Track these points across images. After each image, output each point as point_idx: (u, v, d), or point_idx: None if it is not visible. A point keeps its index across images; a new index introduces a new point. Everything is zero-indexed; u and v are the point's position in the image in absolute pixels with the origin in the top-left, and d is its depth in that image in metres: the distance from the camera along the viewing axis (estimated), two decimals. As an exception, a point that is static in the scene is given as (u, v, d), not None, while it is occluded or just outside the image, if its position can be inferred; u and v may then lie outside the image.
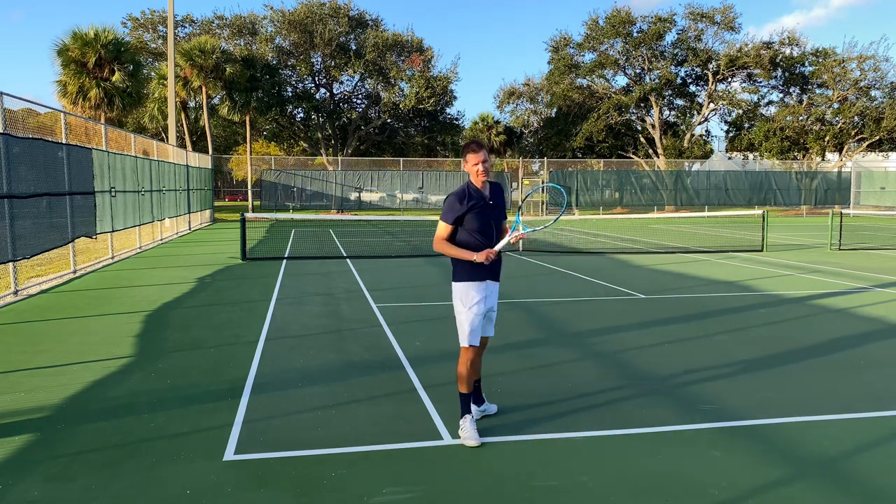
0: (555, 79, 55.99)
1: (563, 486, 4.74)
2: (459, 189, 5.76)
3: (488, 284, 5.74)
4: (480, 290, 5.68)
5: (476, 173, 5.70)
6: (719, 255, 20.11)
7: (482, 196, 5.71)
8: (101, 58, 31.60)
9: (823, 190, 50.30)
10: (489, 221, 5.72)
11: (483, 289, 5.69)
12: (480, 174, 5.69)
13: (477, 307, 5.65)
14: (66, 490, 4.65)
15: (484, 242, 5.68)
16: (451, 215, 5.66)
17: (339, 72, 51.78)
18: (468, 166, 5.73)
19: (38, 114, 16.33)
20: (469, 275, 5.69)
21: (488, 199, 5.74)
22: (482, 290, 5.69)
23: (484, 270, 5.70)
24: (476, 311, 5.65)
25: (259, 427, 5.84)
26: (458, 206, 5.64)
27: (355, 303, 11.98)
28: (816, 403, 6.54)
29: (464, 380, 5.69)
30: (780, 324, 10.29)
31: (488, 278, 5.74)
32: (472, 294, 5.68)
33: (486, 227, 5.69)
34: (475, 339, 5.67)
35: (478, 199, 5.68)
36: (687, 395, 6.77)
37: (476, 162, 5.67)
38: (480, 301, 5.67)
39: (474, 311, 5.65)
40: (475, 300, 5.66)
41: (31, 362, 7.98)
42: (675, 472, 4.96)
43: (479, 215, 5.66)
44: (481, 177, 5.70)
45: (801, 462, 5.16)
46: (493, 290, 5.83)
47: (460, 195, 5.69)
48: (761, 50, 52.08)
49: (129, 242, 21.95)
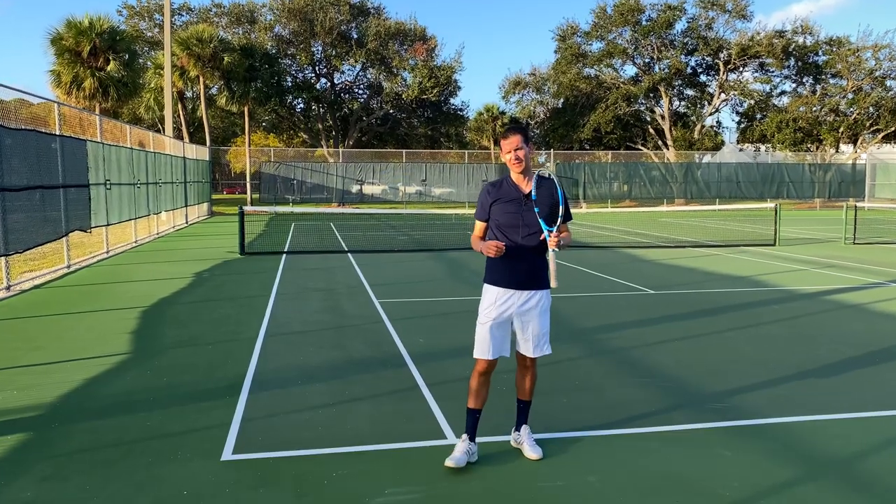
0: (562, 68, 55.90)
1: (569, 486, 4.73)
2: (495, 180, 5.22)
3: (513, 294, 5.06)
4: (499, 298, 5.06)
5: (510, 163, 5.07)
6: (730, 250, 20.08)
7: (517, 189, 5.08)
8: (96, 47, 31.57)
9: (837, 182, 50.16)
10: (520, 221, 5.02)
11: (503, 297, 5.06)
12: (513, 163, 5.05)
13: (487, 314, 5.08)
14: (61, 490, 4.65)
15: (512, 245, 5.01)
16: (480, 211, 5.20)
17: (340, 61, 51.77)
18: (503, 155, 5.13)
19: (31, 104, 16.31)
20: (490, 276, 5.16)
21: (526, 193, 5.04)
22: (502, 298, 5.06)
23: (509, 274, 5.06)
24: (483, 320, 5.10)
25: (258, 426, 5.84)
26: (485, 198, 5.16)
27: (357, 298, 11.98)
28: (830, 402, 6.52)
29: (469, 393, 5.19)
30: (793, 320, 10.27)
31: (514, 286, 5.06)
32: (487, 298, 5.14)
33: (514, 226, 5.02)
34: (482, 350, 5.08)
35: (509, 191, 5.09)
36: (697, 394, 6.76)
37: (509, 149, 5.05)
38: (493, 308, 5.07)
39: (482, 319, 5.11)
40: (487, 306, 5.11)
41: (24, 359, 7.99)
42: (684, 472, 4.95)
43: (508, 211, 5.04)
44: (515, 166, 5.06)
45: (814, 462, 5.15)
46: (527, 302, 5.08)
47: (490, 186, 5.19)
48: (774, 39, 51.93)
49: (125, 236, 21.97)
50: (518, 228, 5.02)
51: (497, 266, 5.08)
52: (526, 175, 5.09)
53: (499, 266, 5.07)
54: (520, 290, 5.06)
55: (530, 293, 5.08)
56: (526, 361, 5.25)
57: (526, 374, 5.29)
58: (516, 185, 5.09)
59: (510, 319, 5.10)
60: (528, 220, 5.01)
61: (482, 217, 5.19)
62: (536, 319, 5.09)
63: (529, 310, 5.08)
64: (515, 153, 5.01)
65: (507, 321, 5.10)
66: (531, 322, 5.09)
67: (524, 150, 5.02)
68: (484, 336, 5.07)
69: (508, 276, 5.05)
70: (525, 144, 5.04)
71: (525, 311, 5.07)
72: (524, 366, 5.28)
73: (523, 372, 5.29)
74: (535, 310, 5.09)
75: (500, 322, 5.07)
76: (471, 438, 5.14)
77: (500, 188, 5.13)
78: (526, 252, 5.04)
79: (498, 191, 5.12)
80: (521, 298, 5.06)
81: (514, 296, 5.06)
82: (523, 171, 5.07)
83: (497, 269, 5.09)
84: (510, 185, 5.11)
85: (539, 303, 5.10)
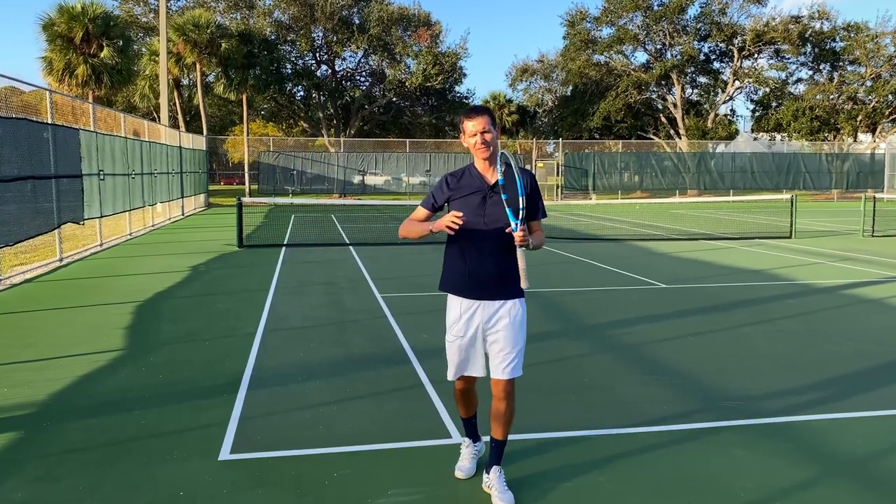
0: (570, 55, 55.75)
1: (579, 486, 4.72)
2: (456, 170, 4.62)
3: (479, 305, 4.47)
4: (465, 312, 4.49)
5: (474, 147, 4.46)
6: (745, 242, 20.04)
7: (482, 180, 4.48)
8: (89, 33, 31.61)
9: (856, 173, 50.03)
10: (484, 216, 4.41)
11: (469, 310, 4.48)
12: (479, 148, 4.43)
13: (454, 332, 4.53)
14: (53, 491, 4.65)
15: (476, 246, 4.44)
16: (429, 200, 4.61)
17: (342, 47, 51.74)
18: (465, 138, 4.52)
19: (22, 92, 16.31)
20: (450, 283, 4.58)
21: (491, 185, 4.44)
22: (468, 312, 4.48)
23: (474, 282, 4.45)
24: (451, 338, 4.56)
25: (257, 424, 5.84)
26: (441, 189, 4.57)
27: (359, 292, 11.98)
28: (848, 400, 6.50)
29: (457, 404, 4.89)
30: (810, 315, 10.25)
31: (480, 296, 4.46)
32: (451, 312, 4.57)
33: (478, 223, 4.39)
34: (457, 371, 4.61)
35: (473, 182, 4.50)
36: (710, 391, 6.74)
37: (474, 131, 4.43)
38: (459, 325, 4.50)
39: (450, 337, 4.58)
40: (453, 321, 4.55)
41: (15, 356, 8.00)
42: (697, 472, 4.94)
43: (470, 205, 4.42)
44: (481, 152, 4.43)
45: (832, 462, 5.13)
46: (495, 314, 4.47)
47: (450, 176, 4.58)
48: (789, 24, 51.72)
49: (119, 229, 21.97)
50: (483, 225, 4.41)
51: (458, 271, 4.50)
52: (492, 163, 4.47)
53: (460, 271, 4.49)
54: (487, 301, 4.47)
55: (499, 304, 4.47)
56: (496, 388, 4.54)
57: (500, 406, 4.56)
58: (481, 175, 4.50)
59: (481, 335, 4.50)
60: (494, 216, 4.39)
61: (429, 206, 4.60)
62: (508, 334, 4.45)
63: (498, 322, 4.46)
64: (482, 136, 4.40)
65: (478, 337, 4.50)
66: (500, 338, 4.45)
67: (492, 134, 4.43)
68: (455, 356, 4.58)
69: (473, 283, 4.46)
70: (493, 127, 4.44)
71: (493, 325, 4.47)
72: (495, 395, 4.56)
73: (495, 403, 4.58)
74: (506, 321, 4.46)
75: (470, 337, 4.50)
76: (473, 441, 4.99)
77: (461, 179, 4.54)
78: (493, 253, 4.43)
79: (458, 182, 4.53)
80: (490, 310, 4.47)
81: (480, 307, 4.47)
82: (489, 158, 4.45)
83: (458, 275, 4.51)
84: (474, 175, 4.52)
85: (511, 314, 4.47)
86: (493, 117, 4.52)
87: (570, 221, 27.77)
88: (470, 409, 4.87)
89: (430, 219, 4.55)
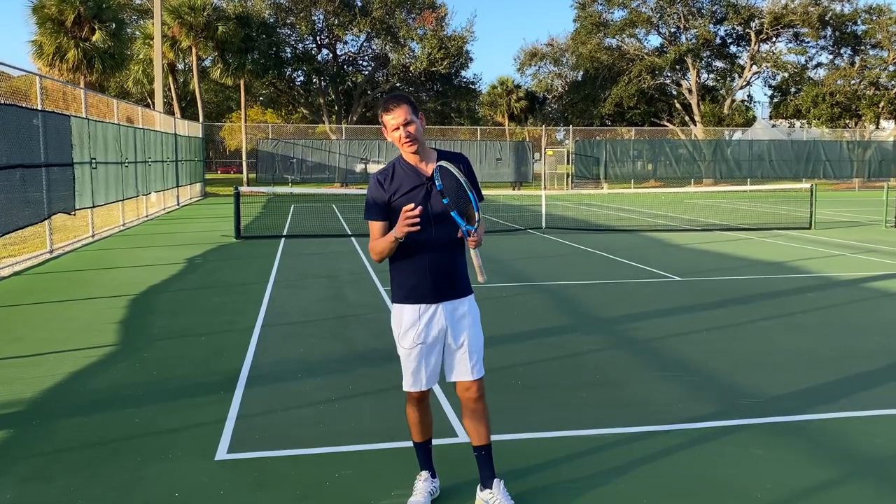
0: (581, 38, 55.71)
1: (589, 486, 4.71)
2: (382, 169, 4.36)
3: (436, 308, 4.30)
4: (422, 316, 4.30)
5: (399, 142, 4.23)
6: (763, 233, 20.00)
7: (417, 173, 4.27)
8: (81, 15, 31.62)
9: (878, 161, 49.85)
10: (429, 211, 4.18)
11: (427, 315, 4.30)
12: (404, 143, 4.21)
13: (411, 339, 4.32)
14: (43, 492, 4.65)
15: (423, 245, 4.24)
16: (373, 208, 4.32)
17: (344, 31, 51.74)
18: (387, 133, 4.28)
19: (11, 77, 16.31)
20: (402, 291, 4.36)
21: (429, 177, 4.24)
22: (425, 316, 4.30)
23: (427, 284, 4.28)
24: (408, 345, 4.33)
25: (255, 423, 5.83)
26: (377, 192, 4.29)
27: (361, 286, 11.97)
28: (870, 397, 6.47)
29: (410, 427, 4.61)
30: (830, 309, 10.22)
31: (435, 299, 4.30)
32: (405, 319, 4.34)
33: (423, 220, 4.07)
34: (415, 381, 4.38)
35: (408, 178, 4.27)
36: (726, 388, 6.73)
37: (395, 125, 4.18)
38: (413, 330, 4.30)
39: (406, 345, 4.35)
40: (407, 327, 4.33)
41: (4, 351, 8.01)
42: (713, 472, 4.93)
43: (415, 202, 4.14)
44: (407, 146, 4.22)
45: (853, 462, 5.11)
46: (453, 314, 4.34)
47: (380, 176, 4.31)
48: (809, 6, 51.63)
49: (112, 219, 22.01)
50: (429, 221, 4.17)
51: (415, 273, 4.29)
52: (423, 155, 4.28)
53: (417, 273, 4.28)
54: (447, 301, 4.32)
55: (456, 303, 4.35)
56: (468, 391, 4.39)
57: (476, 407, 4.42)
58: (414, 168, 4.27)
59: (442, 338, 4.34)
60: (439, 209, 4.20)
61: (378, 216, 4.31)
62: (473, 332, 4.37)
63: (462, 320, 4.35)
64: (405, 129, 4.16)
65: (439, 341, 4.34)
66: (463, 338, 4.34)
67: (416, 125, 4.19)
68: (412, 365, 4.35)
69: (426, 286, 4.28)
70: (415, 116, 4.20)
71: (458, 325, 4.34)
72: (468, 399, 4.40)
73: (470, 407, 4.42)
74: (469, 319, 4.37)
75: (431, 343, 4.32)
76: (431, 475, 4.63)
77: (393, 177, 4.28)
78: (443, 251, 4.29)
79: (391, 180, 4.27)
80: (450, 310, 4.33)
81: (440, 309, 4.31)
82: (418, 151, 4.25)
83: (416, 278, 4.29)
84: (406, 170, 4.28)
85: (472, 312, 4.40)
86: (414, 105, 4.28)
87: (580, 212, 27.74)
88: (426, 430, 4.61)
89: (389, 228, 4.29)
